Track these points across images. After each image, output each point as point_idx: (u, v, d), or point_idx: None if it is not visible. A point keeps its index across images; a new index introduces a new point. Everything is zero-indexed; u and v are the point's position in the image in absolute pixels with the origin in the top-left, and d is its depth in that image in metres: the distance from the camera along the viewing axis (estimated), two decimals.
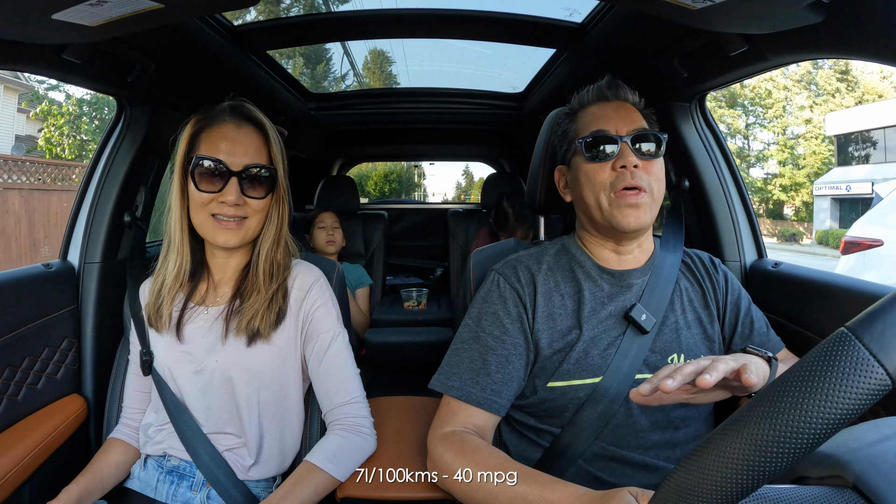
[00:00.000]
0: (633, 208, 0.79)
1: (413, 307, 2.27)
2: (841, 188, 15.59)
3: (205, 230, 0.86)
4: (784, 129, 21.01)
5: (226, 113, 0.87)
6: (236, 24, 1.28)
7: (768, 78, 20.30)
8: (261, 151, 0.87)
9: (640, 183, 0.79)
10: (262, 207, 0.88)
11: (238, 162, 0.84)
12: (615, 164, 0.80)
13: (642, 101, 0.87)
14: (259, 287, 0.88)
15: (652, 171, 0.81)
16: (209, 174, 0.83)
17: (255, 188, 0.86)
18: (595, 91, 0.87)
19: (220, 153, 0.83)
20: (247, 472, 0.88)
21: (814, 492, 0.37)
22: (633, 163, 0.79)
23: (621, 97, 0.86)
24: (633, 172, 0.79)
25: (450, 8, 1.36)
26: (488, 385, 0.78)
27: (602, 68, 0.97)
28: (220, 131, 0.85)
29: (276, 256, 0.90)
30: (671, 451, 0.79)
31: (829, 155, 18.35)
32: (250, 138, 0.86)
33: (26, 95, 12.25)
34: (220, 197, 0.83)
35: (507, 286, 0.86)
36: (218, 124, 0.86)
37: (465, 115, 2.34)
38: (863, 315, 0.34)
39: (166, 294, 0.89)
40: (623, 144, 0.80)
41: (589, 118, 0.85)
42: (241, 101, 0.89)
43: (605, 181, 0.81)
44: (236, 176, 0.84)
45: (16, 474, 0.91)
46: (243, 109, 0.88)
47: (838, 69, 19.86)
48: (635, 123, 0.83)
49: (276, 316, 0.88)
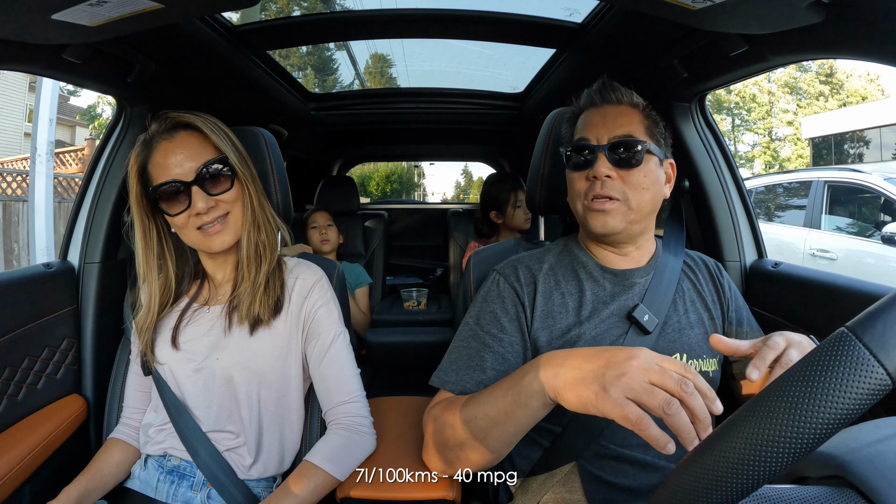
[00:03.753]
0: (600, 213, 0.81)
1: (413, 307, 2.27)
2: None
3: (199, 245, 0.87)
4: (768, 131, 21.07)
5: (155, 133, 0.86)
6: (236, 24, 1.28)
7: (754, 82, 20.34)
8: (203, 148, 0.86)
9: (609, 193, 0.80)
10: (235, 197, 0.87)
11: (188, 170, 0.83)
12: (589, 173, 0.81)
13: (641, 102, 0.86)
14: (247, 272, 0.88)
15: (629, 180, 0.80)
16: (173, 195, 0.83)
17: (219, 184, 0.85)
18: (585, 96, 0.88)
19: (171, 171, 0.83)
20: (247, 472, 0.88)
21: (814, 492, 0.37)
22: (604, 173, 0.79)
23: (612, 100, 0.85)
24: (604, 182, 0.80)
25: (450, 8, 1.36)
26: (483, 381, 0.79)
27: (602, 68, 0.97)
28: (160, 152, 0.84)
29: (259, 238, 0.90)
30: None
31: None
32: (186, 142, 0.85)
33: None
34: (192, 210, 0.83)
35: (507, 285, 0.86)
36: (154, 147, 0.85)
37: (465, 116, 2.34)
38: (863, 315, 0.34)
39: (143, 328, 0.90)
40: (599, 154, 0.80)
41: (580, 124, 0.86)
42: (162, 113, 0.87)
43: (582, 189, 0.83)
44: (195, 184, 0.83)
45: (16, 474, 0.91)
46: (168, 119, 0.86)
47: (823, 72, 19.88)
48: (619, 129, 0.81)
49: (275, 303, 0.88)
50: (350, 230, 2.52)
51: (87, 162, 7.61)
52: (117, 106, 1.21)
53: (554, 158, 1.00)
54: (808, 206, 4.08)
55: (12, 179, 7.51)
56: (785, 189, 4.58)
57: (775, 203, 4.63)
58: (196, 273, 0.96)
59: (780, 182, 4.68)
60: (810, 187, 4.14)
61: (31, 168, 4.24)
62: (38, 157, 4.19)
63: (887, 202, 3.61)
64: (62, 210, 6.66)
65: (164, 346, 0.90)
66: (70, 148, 11.30)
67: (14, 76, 12.65)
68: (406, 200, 10.63)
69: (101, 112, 13.29)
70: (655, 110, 0.87)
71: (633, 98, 0.85)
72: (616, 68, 1.28)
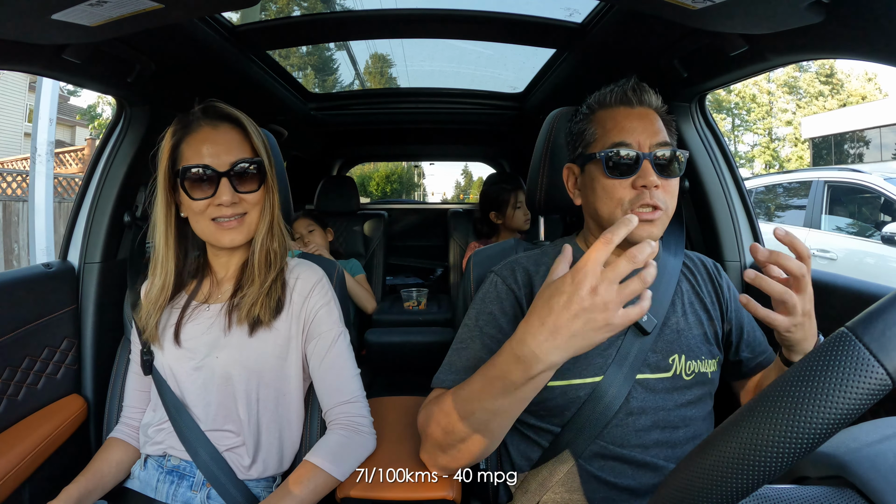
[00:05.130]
0: (647, 224, 0.76)
1: (413, 307, 2.27)
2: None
3: (208, 235, 0.87)
4: (768, 131, 21.09)
5: (200, 117, 0.86)
6: (236, 24, 1.28)
7: (753, 82, 20.36)
8: (243, 146, 0.87)
9: (657, 202, 0.77)
10: (258, 200, 0.88)
11: (224, 162, 0.84)
12: (636, 181, 0.77)
13: (665, 106, 0.83)
14: (256, 277, 0.88)
15: (669, 189, 0.78)
16: (199, 181, 0.83)
17: (247, 183, 0.86)
18: (619, 94, 0.82)
19: (205, 157, 0.83)
20: (246, 472, 0.88)
21: (814, 492, 0.37)
22: (654, 183, 0.75)
23: (646, 103, 0.81)
24: (653, 192, 0.76)
25: (450, 8, 1.36)
26: None
27: (602, 68, 0.97)
28: (199, 136, 0.85)
29: (271, 245, 0.90)
30: (671, 451, 0.79)
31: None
32: (229, 136, 0.86)
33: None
34: (216, 200, 0.84)
35: (504, 287, 0.86)
36: (195, 130, 0.85)
37: (465, 116, 2.34)
38: (863, 315, 0.34)
39: (153, 310, 0.89)
40: (646, 162, 0.77)
41: (611, 124, 0.81)
42: (212, 101, 0.88)
43: (624, 198, 0.78)
44: (225, 176, 0.84)
45: (16, 474, 0.91)
46: (216, 109, 0.87)
47: (823, 72, 19.89)
48: (658, 136, 0.78)
49: (276, 304, 0.88)
50: (350, 230, 2.52)
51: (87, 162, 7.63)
52: (117, 106, 1.21)
53: (554, 158, 1.00)
54: (808, 206, 4.08)
55: (12, 179, 7.52)
56: (785, 189, 4.59)
57: (775, 203, 4.63)
58: (197, 269, 0.95)
59: (780, 182, 4.68)
60: (810, 187, 4.14)
61: (31, 168, 4.24)
62: (38, 157, 4.19)
63: (887, 202, 3.61)
64: (62, 210, 6.66)
65: (165, 344, 0.90)
66: (70, 148, 11.32)
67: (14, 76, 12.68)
68: (406, 200, 10.63)
69: (101, 112, 13.35)
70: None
71: (660, 101, 0.83)
72: (616, 68, 1.28)
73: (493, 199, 2.19)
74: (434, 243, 3.05)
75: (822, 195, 4.01)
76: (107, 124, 1.24)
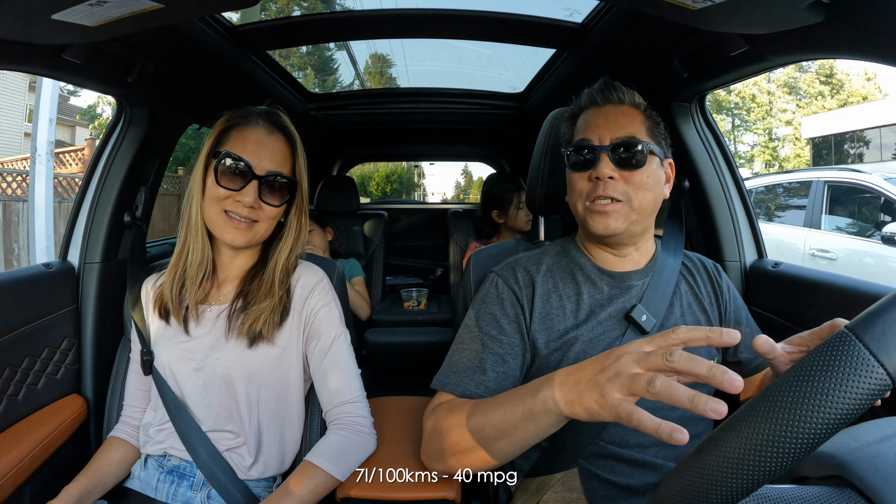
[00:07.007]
0: (602, 215, 0.80)
1: (413, 307, 2.27)
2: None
3: (214, 224, 0.87)
4: (767, 131, 21.10)
5: (259, 116, 0.88)
6: (236, 24, 1.28)
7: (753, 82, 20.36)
8: (286, 161, 0.88)
9: (612, 194, 0.79)
10: (275, 215, 0.89)
11: (263, 166, 0.85)
12: (591, 174, 0.81)
13: (642, 102, 0.86)
14: (267, 292, 0.88)
15: (632, 181, 0.80)
16: (231, 172, 0.84)
17: (273, 195, 0.87)
18: (587, 96, 0.87)
19: (247, 154, 0.85)
20: (247, 472, 0.88)
21: (814, 492, 0.37)
22: (606, 174, 0.79)
23: (613, 100, 0.84)
24: (607, 184, 0.79)
25: (450, 8, 1.36)
26: (483, 382, 0.79)
27: (602, 68, 0.97)
28: (251, 132, 0.86)
29: (289, 264, 0.92)
30: (671, 450, 0.79)
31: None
32: (278, 146, 0.88)
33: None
34: (238, 196, 0.84)
35: (505, 287, 0.86)
36: (250, 125, 0.87)
37: (466, 116, 2.34)
38: (863, 315, 0.34)
39: (189, 283, 0.88)
40: (602, 155, 0.80)
41: (581, 124, 0.86)
42: (276, 108, 0.90)
43: (584, 190, 0.82)
44: (258, 179, 0.85)
45: (16, 474, 0.91)
46: (276, 117, 0.89)
47: (823, 72, 19.88)
48: (622, 130, 0.81)
49: (280, 317, 0.89)
50: (350, 230, 2.52)
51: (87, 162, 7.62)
52: (117, 106, 1.21)
53: (554, 158, 1.00)
54: (808, 206, 4.09)
55: (12, 179, 7.52)
56: (785, 189, 4.59)
57: (775, 203, 4.63)
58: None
59: (780, 182, 4.69)
60: (810, 187, 4.15)
61: (31, 168, 4.24)
62: (38, 157, 4.19)
63: (887, 202, 3.61)
64: (62, 210, 6.66)
65: (166, 343, 0.90)
66: (70, 148, 11.30)
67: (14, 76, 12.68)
68: (406, 200, 10.63)
69: (101, 112, 13.35)
70: (655, 110, 0.87)
71: (635, 98, 0.85)
72: (616, 68, 1.28)
73: (497, 198, 2.20)
74: (434, 243, 3.05)
75: (822, 195, 4.01)
76: (107, 124, 1.24)
